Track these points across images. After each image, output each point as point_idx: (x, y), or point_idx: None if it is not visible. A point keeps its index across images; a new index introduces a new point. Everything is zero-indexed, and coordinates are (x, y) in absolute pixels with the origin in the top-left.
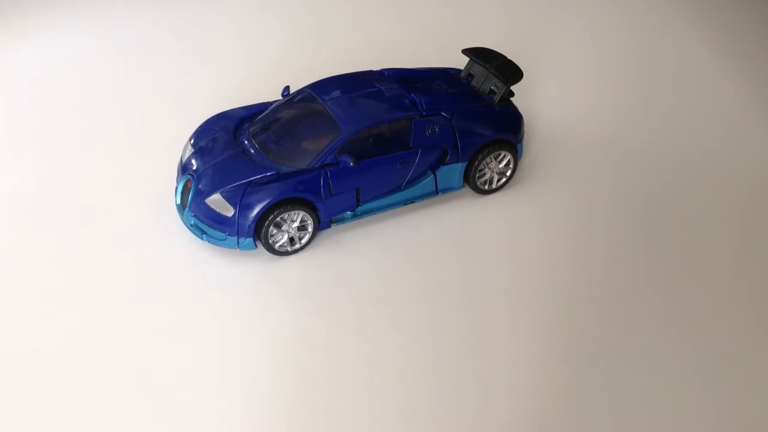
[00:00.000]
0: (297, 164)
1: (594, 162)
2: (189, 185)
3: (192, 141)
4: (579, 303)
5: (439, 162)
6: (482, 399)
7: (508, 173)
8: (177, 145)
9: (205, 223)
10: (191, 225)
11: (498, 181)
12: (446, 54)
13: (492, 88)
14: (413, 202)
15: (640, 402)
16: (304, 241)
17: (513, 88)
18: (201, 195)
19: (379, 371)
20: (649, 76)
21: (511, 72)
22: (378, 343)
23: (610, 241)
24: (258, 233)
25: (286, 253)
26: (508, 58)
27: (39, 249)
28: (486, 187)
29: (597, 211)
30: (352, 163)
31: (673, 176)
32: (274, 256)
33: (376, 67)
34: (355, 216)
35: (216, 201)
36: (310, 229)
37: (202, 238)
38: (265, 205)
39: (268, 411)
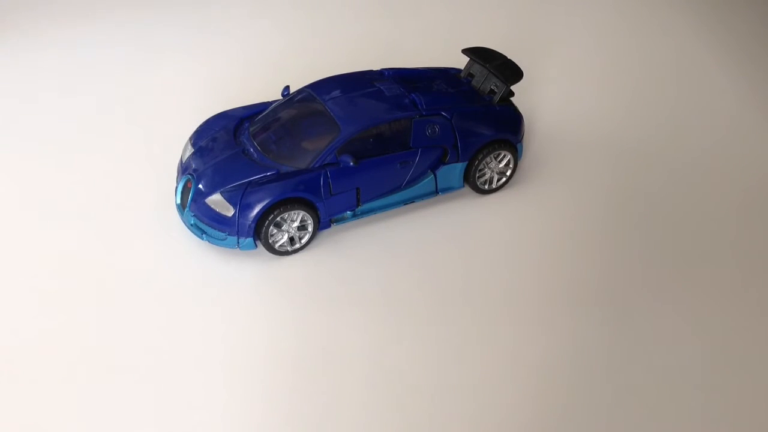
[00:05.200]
0: (297, 164)
1: (594, 161)
2: (189, 185)
3: (192, 141)
4: (578, 302)
5: (439, 162)
6: (482, 398)
7: (508, 173)
8: (177, 145)
9: (205, 222)
10: (191, 225)
11: (498, 181)
12: (446, 54)
13: (492, 88)
14: (413, 201)
15: (639, 402)
16: (304, 240)
17: (513, 88)
18: (201, 195)
19: (379, 371)
20: (649, 75)
21: (511, 72)
22: (378, 343)
23: (609, 240)
24: (258, 233)
25: (286, 253)
26: (508, 58)
27: (38, 249)
28: (486, 187)
29: (597, 210)
30: (352, 163)
31: (672, 176)
32: (274, 255)
33: (376, 67)
34: (355, 216)
35: (216, 201)
36: (310, 228)
37: (202, 238)
38: (265, 204)
39: (267, 410)
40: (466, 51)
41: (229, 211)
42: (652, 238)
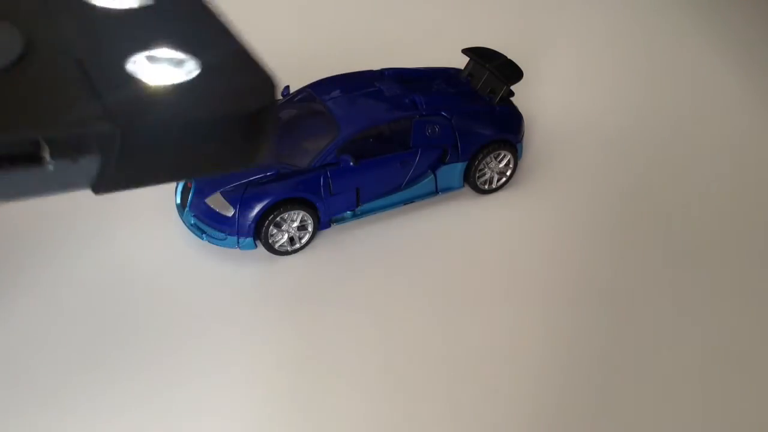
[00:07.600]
0: (297, 164)
1: (595, 161)
2: (189, 185)
3: None
4: (579, 302)
5: (439, 162)
6: (483, 398)
7: (508, 173)
8: None
9: (205, 222)
10: (191, 225)
11: (498, 180)
12: (446, 54)
13: (492, 88)
14: (413, 201)
15: (641, 404)
16: (304, 240)
17: (513, 87)
18: (201, 194)
19: (380, 371)
20: (653, 75)
21: (511, 72)
22: (379, 343)
23: (611, 239)
24: (258, 233)
25: (286, 253)
26: (508, 57)
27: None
28: (486, 186)
29: (598, 210)
30: (352, 163)
31: (675, 176)
32: (274, 256)
33: (376, 67)
34: (355, 216)
35: (216, 200)
36: (310, 228)
37: (202, 238)
38: (265, 205)
39: (267, 411)
40: (466, 51)
41: (229, 211)
42: (654, 238)
